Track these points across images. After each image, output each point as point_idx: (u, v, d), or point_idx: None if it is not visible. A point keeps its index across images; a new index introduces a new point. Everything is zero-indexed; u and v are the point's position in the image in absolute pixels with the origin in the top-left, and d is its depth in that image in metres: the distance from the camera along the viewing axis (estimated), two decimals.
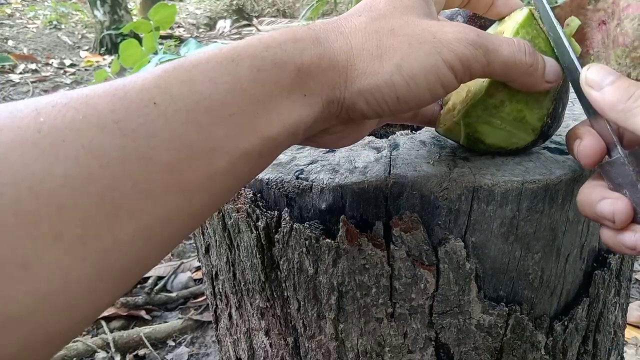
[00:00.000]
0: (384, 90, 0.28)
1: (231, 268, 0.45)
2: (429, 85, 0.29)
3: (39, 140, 0.20)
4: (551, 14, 0.34)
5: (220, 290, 0.49)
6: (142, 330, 1.22)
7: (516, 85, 0.33)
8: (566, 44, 0.33)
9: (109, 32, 4.03)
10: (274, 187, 0.38)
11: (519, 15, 0.36)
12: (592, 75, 0.31)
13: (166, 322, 1.27)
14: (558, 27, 0.34)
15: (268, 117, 0.25)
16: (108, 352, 1.18)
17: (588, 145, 0.31)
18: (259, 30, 5.31)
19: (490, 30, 0.39)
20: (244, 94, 0.25)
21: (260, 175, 0.38)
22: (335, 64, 0.28)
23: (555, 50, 0.34)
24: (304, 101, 0.27)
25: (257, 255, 0.41)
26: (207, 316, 1.26)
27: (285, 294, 0.41)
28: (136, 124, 0.22)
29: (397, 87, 0.28)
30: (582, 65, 0.32)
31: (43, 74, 3.46)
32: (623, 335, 0.53)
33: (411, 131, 0.48)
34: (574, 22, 0.35)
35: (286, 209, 0.38)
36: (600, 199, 0.30)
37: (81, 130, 0.21)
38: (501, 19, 0.38)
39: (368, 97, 0.29)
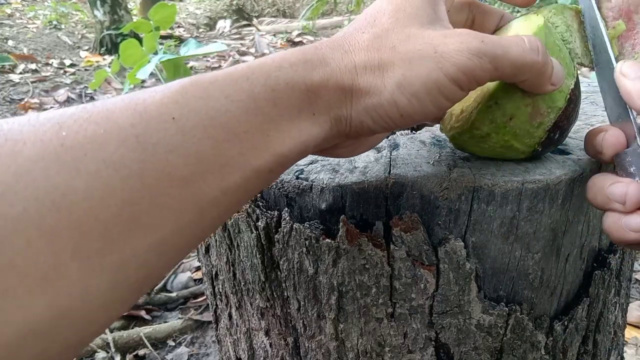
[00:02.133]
0: (387, 108, 0.29)
1: (231, 268, 0.45)
2: (432, 100, 0.29)
3: (62, 154, 0.20)
4: (598, 14, 0.36)
5: (220, 290, 0.49)
6: (142, 330, 1.22)
7: (525, 86, 0.32)
8: (607, 44, 0.35)
9: (109, 32, 4.03)
10: (274, 187, 0.38)
11: (533, 22, 0.35)
12: (627, 68, 0.33)
13: (166, 322, 1.27)
14: (603, 28, 0.35)
15: (279, 135, 0.26)
16: (108, 352, 1.18)
17: (613, 134, 0.33)
18: (259, 30, 5.31)
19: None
20: (257, 112, 0.26)
21: None
22: (341, 83, 0.28)
23: (591, 51, 0.36)
24: (313, 120, 0.28)
25: (257, 255, 0.41)
26: (207, 316, 1.26)
27: (285, 294, 0.41)
28: (156, 139, 0.22)
29: (399, 105, 0.29)
30: None
31: (43, 74, 3.46)
32: (623, 335, 0.53)
33: (411, 131, 0.48)
34: (620, 25, 0.36)
35: (286, 209, 0.38)
36: (612, 182, 0.32)
37: (102, 145, 0.21)
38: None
39: (373, 114, 0.29)
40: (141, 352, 1.19)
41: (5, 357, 0.18)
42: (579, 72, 0.36)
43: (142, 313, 1.30)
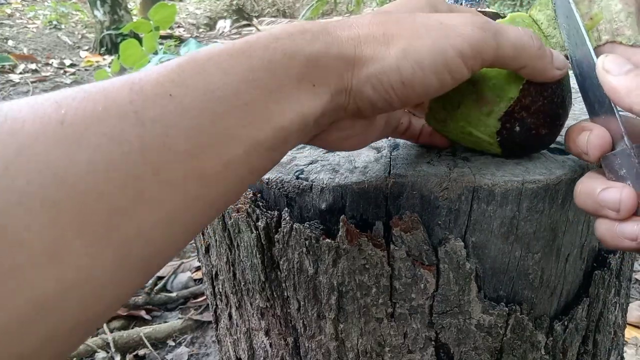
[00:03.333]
0: (390, 74, 0.28)
1: (231, 268, 0.45)
2: (436, 71, 0.29)
3: (62, 130, 0.20)
4: (573, 4, 0.34)
5: (220, 290, 0.49)
6: (142, 330, 1.22)
7: (528, 72, 0.32)
8: (584, 34, 0.33)
9: (109, 32, 4.03)
10: (274, 187, 0.38)
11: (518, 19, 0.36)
12: (609, 63, 0.31)
13: (166, 322, 1.27)
14: (578, 18, 0.34)
15: (279, 107, 0.26)
16: (108, 352, 1.18)
17: (599, 135, 0.31)
18: (259, 30, 5.31)
19: None
20: (255, 84, 0.25)
21: None
22: (343, 52, 0.28)
23: (566, 42, 0.35)
24: (313, 91, 0.27)
25: (257, 255, 0.41)
26: (207, 316, 1.26)
27: (285, 294, 0.41)
28: (154, 114, 0.22)
29: (402, 72, 0.28)
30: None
31: (43, 74, 3.46)
32: (623, 335, 0.53)
33: None
34: (597, 15, 0.35)
35: (286, 209, 0.38)
36: (603, 188, 0.30)
37: (102, 120, 0.21)
38: None
39: (375, 82, 0.29)
40: (141, 352, 1.19)
41: (16, 333, 0.19)
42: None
43: (142, 313, 1.30)
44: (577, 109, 0.49)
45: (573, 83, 0.36)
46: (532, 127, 0.35)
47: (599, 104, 0.32)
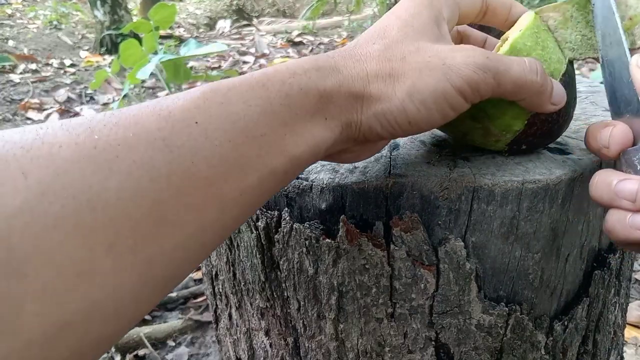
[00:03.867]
0: (397, 114, 0.30)
1: (231, 268, 0.45)
2: (439, 109, 0.30)
3: (95, 156, 0.22)
4: (614, 5, 0.34)
5: (220, 290, 0.49)
6: (142, 330, 1.22)
7: (524, 104, 0.34)
8: (622, 36, 0.34)
9: (109, 32, 4.03)
10: None
11: (525, 20, 0.36)
12: None
13: (166, 322, 1.27)
14: (618, 18, 0.34)
15: (294, 138, 0.28)
16: (108, 352, 1.18)
17: (622, 130, 0.32)
18: (259, 30, 5.31)
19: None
20: (273, 116, 0.27)
21: None
22: (353, 90, 0.30)
23: (599, 42, 0.35)
24: (325, 124, 0.29)
25: (257, 255, 0.41)
26: (207, 316, 1.26)
27: (285, 294, 0.41)
28: (181, 141, 0.24)
29: (408, 112, 0.30)
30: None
31: (43, 74, 3.46)
32: (623, 335, 0.53)
33: None
34: (636, 17, 0.35)
35: (286, 209, 0.38)
36: (621, 179, 0.31)
37: (132, 147, 0.22)
38: None
39: (382, 120, 0.31)
40: (141, 352, 1.19)
41: (42, 349, 0.19)
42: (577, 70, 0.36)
43: None
44: (579, 110, 0.49)
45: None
46: (538, 144, 0.39)
47: (626, 102, 0.33)
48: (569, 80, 0.36)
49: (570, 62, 0.36)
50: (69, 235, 0.20)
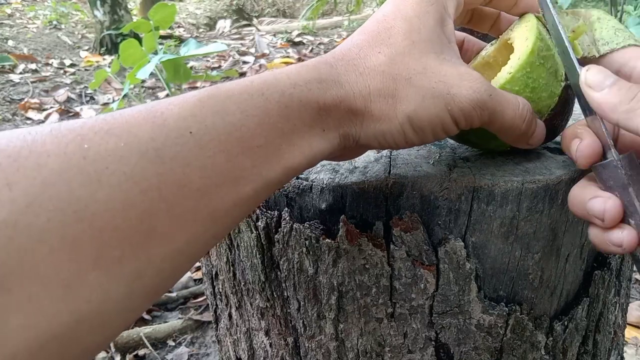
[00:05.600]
0: (395, 135, 0.31)
1: (231, 268, 0.45)
2: (433, 133, 0.31)
3: (85, 166, 0.21)
4: (556, 17, 0.34)
5: (220, 290, 0.49)
6: (142, 330, 1.22)
7: (501, 136, 0.35)
8: (567, 46, 0.33)
9: (109, 32, 4.03)
10: None
11: (528, 29, 0.35)
12: (592, 77, 0.31)
13: (166, 322, 1.27)
14: (561, 30, 0.34)
15: (290, 150, 0.27)
16: (108, 352, 1.18)
17: (588, 145, 0.31)
18: (259, 30, 5.31)
19: (486, 50, 0.39)
20: (271, 127, 0.26)
21: None
22: (354, 107, 0.30)
23: (557, 52, 0.35)
24: (323, 135, 0.29)
25: (257, 255, 0.41)
26: (207, 316, 1.26)
27: (285, 294, 0.41)
28: (173, 152, 0.23)
29: (406, 135, 0.31)
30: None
31: (43, 74, 3.46)
32: (623, 335, 0.53)
33: None
34: (580, 28, 0.36)
35: (286, 209, 0.38)
36: (592, 197, 0.31)
37: (123, 158, 0.22)
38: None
39: (380, 139, 0.31)
40: (141, 352, 1.19)
41: None
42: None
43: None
44: (579, 110, 0.49)
45: None
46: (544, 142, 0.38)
47: (589, 110, 0.32)
48: (565, 100, 0.36)
49: (567, 87, 0.36)
50: (54, 249, 0.19)
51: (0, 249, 0.18)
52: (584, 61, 0.35)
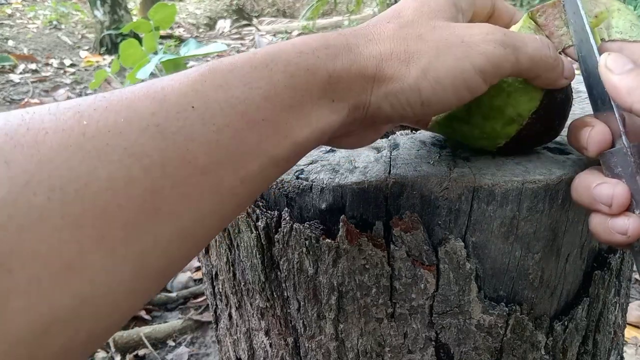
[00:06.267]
0: (409, 94, 0.29)
1: (231, 268, 0.45)
2: (455, 90, 0.29)
3: (84, 143, 0.20)
4: (579, 2, 0.35)
5: (220, 290, 0.49)
6: (142, 330, 1.22)
7: (538, 81, 0.33)
8: (589, 32, 0.34)
9: (109, 32, 4.03)
10: (274, 187, 0.38)
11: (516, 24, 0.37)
12: (612, 61, 0.31)
13: (166, 322, 1.27)
14: (584, 15, 0.34)
15: (298, 123, 0.26)
16: (108, 352, 1.18)
17: (599, 132, 0.31)
18: (259, 30, 5.31)
19: None
20: (276, 99, 0.25)
21: None
22: (364, 70, 0.28)
23: (573, 39, 0.35)
24: (332, 107, 0.27)
25: (257, 255, 0.41)
26: (207, 316, 1.26)
27: (285, 294, 0.41)
28: (175, 127, 0.22)
29: (422, 92, 0.29)
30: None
31: (43, 74, 3.46)
32: (623, 335, 0.53)
33: (411, 131, 0.48)
34: (602, 14, 0.35)
35: (286, 209, 0.38)
36: (599, 183, 0.30)
37: (123, 134, 0.21)
38: None
39: (393, 100, 0.29)
40: (141, 352, 1.19)
41: (29, 347, 0.19)
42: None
43: (142, 313, 1.30)
44: (578, 109, 0.49)
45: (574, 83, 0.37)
46: (532, 144, 0.39)
47: (602, 101, 0.32)
48: (548, 106, 0.36)
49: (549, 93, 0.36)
50: (55, 228, 0.19)
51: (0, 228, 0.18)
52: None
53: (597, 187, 0.30)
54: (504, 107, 0.35)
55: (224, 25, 5.71)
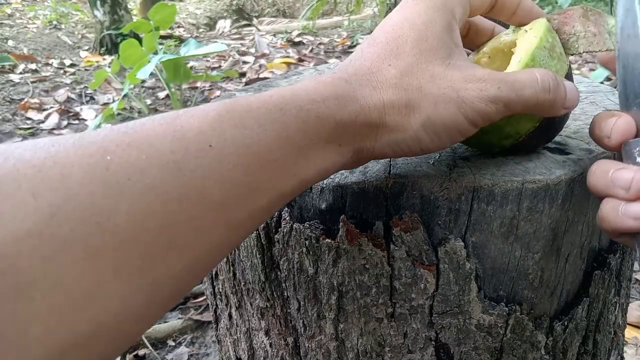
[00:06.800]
0: (410, 143, 0.32)
1: (231, 268, 0.45)
2: (450, 137, 0.32)
3: (107, 178, 0.21)
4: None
5: (220, 290, 0.49)
6: None
7: (535, 114, 0.35)
8: (638, 13, 0.34)
9: (109, 32, 4.03)
10: None
11: (537, 28, 0.37)
12: None
13: (166, 322, 1.27)
14: (638, 10, 0.34)
15: (306, 164, 0.28)
16: None
17: (626, 121, 0.32)
18: (259, 30, 5.31)
19: (504, 36, 0.39)
20: (288, 142, 0.27)
21: None
22: (369, 120, 0.30)
23: (619, 34, 0.35)
24: (338, 150, 0.30)
25: (257, 255, 0.41)
26: (207, 316, 1.26)
27: (285, 294, 0.41)
28: (194, 165, 0.24)
29: (421, 141, 0.32)
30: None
31: (43, 74, 3.46)
32: (623, 335, 0.53)
33: None
34: None
35: (286, 208, 0.38)
36: (618, 168, 0.31)
37: (145, 170, 0.22)
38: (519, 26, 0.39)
39: (395, 147, 0.32)
40: (141, 352, 1.19)
41: None
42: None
43: None
44: (578, 109, 0.49)
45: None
46: (532, 149, 0.39)
47: (635, 95, 0.33)
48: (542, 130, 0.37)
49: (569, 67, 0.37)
50: (77, 259, 0.20)
51: (25, 258, 0.19)
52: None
53: (616, 172, 0.31)
54: (503, 126, 0.36)
55: (224, 25, 5.71)
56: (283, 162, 0.27)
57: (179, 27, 5.53)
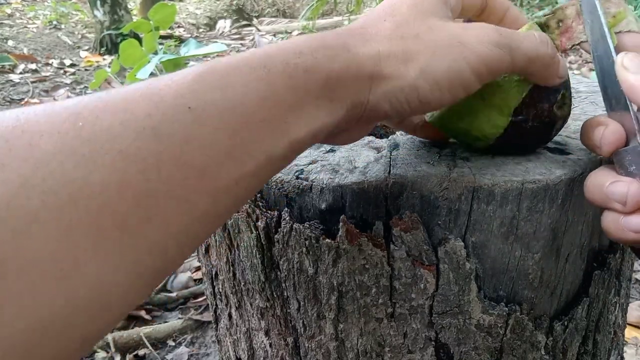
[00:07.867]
0: (408, 92, 0.29)
1: (231, 268, 0.45)
2: (451, 88, 0.30)
3: (78, 146, 0.20)
4: (597, 1, 0.35)
5: (220, 290, 0.49)
6: (142, 330, 1.22)
7: (533, 78, 0.33)
8: (606, 31, 0.34)
9: (109, 32, 4.03)
10: (274, 187, 0.38)
11: (527, 27, 0.37)
12: (628, 60, 0.32)
13: (166, 322, 1.27)
14: (601, 14, 0.34)
15: (295, 123, 0.26)
16: (108, 352, 1.18)
17: (614, 131, 0.32)
18: (259, 30, 5.31)
19: None
20: (275, 100, 0.25)
21: None
22: (362, 70, 0.28)
23: (589, 38, 0.35)
24: (330, 106, 0.27)
25: (257, 255, 0.41)
26: (207, 316, 1.26)
27: (285, 294, 0.41)
28: (172, 130, 0.22)
29: (420, 90, 0.29)
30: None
31: (43, 74, 3.46)
32: (623, 335, 0.53)
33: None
34: (620, 14, 0.36)
35: (286, 209, 0.38)
36: (612, 181, 0.31)
37: (119, 137, 0.21)
38: None
39: (391, 99, 0.29)
40: (141, 352, 1.19)
41: (25, 351, 0.18)
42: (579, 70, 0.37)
43: (142, 313, 1.30)
44: (578, 110, 0.49)
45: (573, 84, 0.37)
46: (529, 142, 0.39)
47: (616, 100, 0.33)
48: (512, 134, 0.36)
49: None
50: (49, 233, 0.18)
51: None
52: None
53: (611, 186, 0.30)
54: (486, 109, 0.35)
55: (224, 25, 5.71)
56: (270, 122, 0.25)
57: (179, 27, 5.53)
